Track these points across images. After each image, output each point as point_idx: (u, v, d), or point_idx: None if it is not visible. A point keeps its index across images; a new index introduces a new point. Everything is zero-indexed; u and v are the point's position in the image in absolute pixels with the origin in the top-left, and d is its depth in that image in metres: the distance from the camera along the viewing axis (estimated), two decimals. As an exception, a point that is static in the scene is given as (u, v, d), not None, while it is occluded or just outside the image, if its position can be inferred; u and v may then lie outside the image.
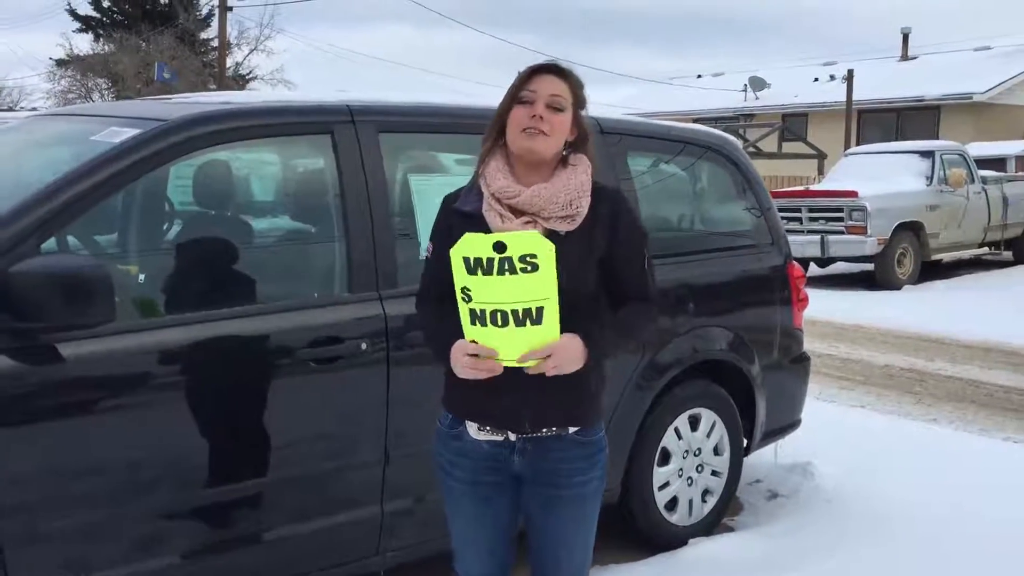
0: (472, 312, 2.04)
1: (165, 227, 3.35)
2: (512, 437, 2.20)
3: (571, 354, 2.08)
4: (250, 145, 3.08)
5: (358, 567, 3.06)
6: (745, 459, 4.25)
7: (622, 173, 3.69)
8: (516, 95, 2.17)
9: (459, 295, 2.04)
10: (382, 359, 2.95)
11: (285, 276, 3.08)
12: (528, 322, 2.02)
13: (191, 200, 3.28)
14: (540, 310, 2.02)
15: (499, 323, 2.02)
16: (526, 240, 2.00)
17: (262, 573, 2.85)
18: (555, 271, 2.02)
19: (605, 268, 2.21)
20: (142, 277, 2.97)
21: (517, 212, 2.14)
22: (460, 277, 2.03)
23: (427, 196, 3.03)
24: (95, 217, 2.71)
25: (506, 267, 1.99)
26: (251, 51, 32.08)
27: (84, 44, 32.52)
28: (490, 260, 2.00)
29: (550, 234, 2.12)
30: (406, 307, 2.91)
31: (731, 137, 4.43)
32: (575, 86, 2.21)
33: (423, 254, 2.37)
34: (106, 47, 31.11)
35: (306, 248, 3.24)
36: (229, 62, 29.20)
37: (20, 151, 3.19)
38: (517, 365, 2.05)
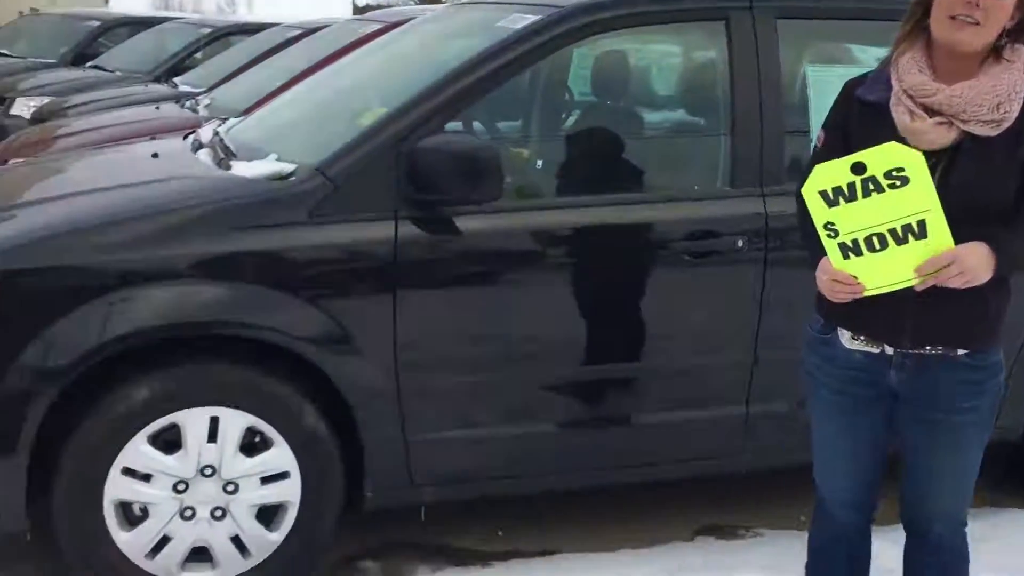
0: (842, 246, 1.88)
1: (562, 114, 3.49)
2: (889, 351, 2.03)
3: (977, 261, 1.85)
4: (643, 32, 3.09)
5: (718, 464, 3.07)
6: None
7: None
8: None
9: (823, 234, 1.90)
10: (759, 258, 2.86)
11: (667, 167, 3.07)
12: (911, 237, 1.84)
13: (586, 88, 3.38)
14: (922, 223, 1.82)
15: (876, 247, 1.86)
16: (888, 155, 1.80)
17: (626, 455, 2.96)
18: (930, 180, 1.80)
19: None
20: (538, 163, 3.13)
21: (930, 111, 1.91)
22: (820, 214, 1.88)
23: (824, 88, 2.82)
24: (497, 99, 2.89)
25: (871, 187, 1.81)
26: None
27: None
28: (851, 185, 1.82)
29: (968, 137, 1.89)
30: (790, 206, 2.77)
31: None
32: None
33: (813, 144, 2.22)
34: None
35: (690, 140, 3.19)
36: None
37: (436, 37, 3.47)
38: (914, 284, 1.87)
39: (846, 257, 1.90)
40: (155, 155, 3.16)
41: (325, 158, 2.64)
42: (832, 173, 1.85)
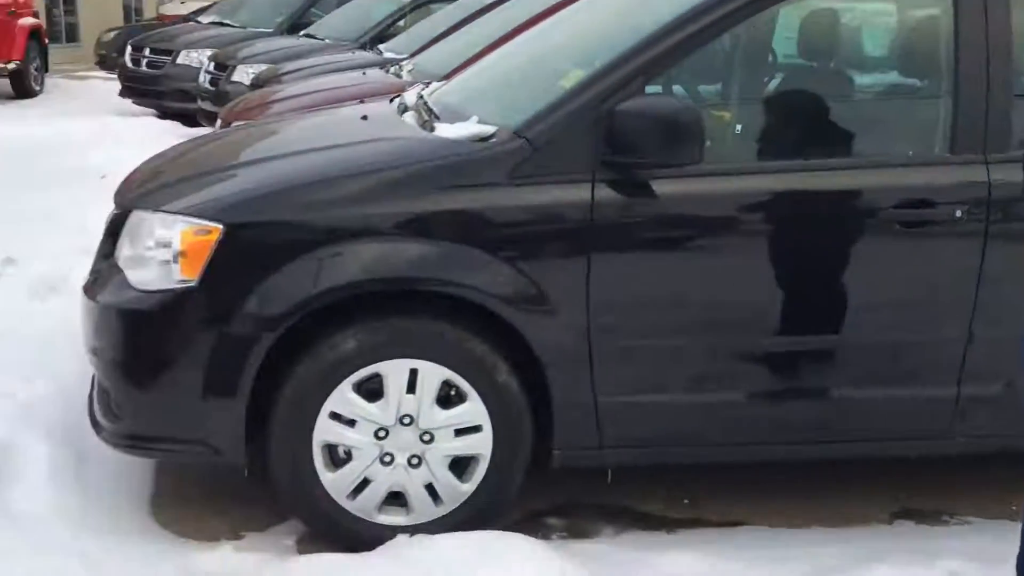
0: None
1: (765, 77, 3.37)
2: None
3: None
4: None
5: (925, 446, 2.91)
6: None
7: None
8: None
9: None
10: (979, 230, 2.68)
11: (879, 132, 2.92)
12: None
13: (792, 50, 3.25)
14: None
15: None
16: None
17: (822, 430, 2.86)
18: None
19: None
20: (738, 127, 3.05)
21: None
22: None
23: (1062, 46, 2.61)
24: (699, 61, 2.83)
25: None
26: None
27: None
28: None
29: None
30: (1016, 174, 2.59)
31: None
32: None
33: None
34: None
35: (905, 103, 3.04)
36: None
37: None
38: None
39: None
40: (364, 117, 3.31)
41: (524, 120, 2.67)
42: None
